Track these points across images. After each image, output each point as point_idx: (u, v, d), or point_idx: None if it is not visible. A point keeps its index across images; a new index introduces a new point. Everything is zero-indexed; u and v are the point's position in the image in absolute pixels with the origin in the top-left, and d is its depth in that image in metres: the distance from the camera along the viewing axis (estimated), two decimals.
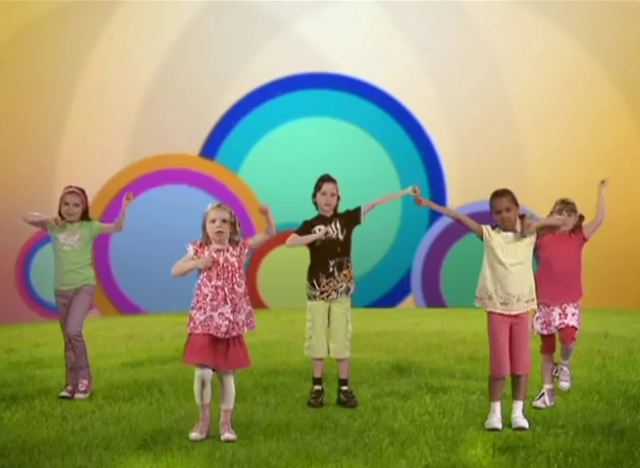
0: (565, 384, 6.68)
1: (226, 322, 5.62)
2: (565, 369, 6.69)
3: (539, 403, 6.46)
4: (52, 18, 13.59)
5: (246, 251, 5.77)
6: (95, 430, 5.82)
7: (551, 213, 6.57)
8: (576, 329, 6.62)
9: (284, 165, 13.67)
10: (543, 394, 6.52)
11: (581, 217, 6.64)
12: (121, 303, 13.82)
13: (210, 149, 14.09)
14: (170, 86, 13.93)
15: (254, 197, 13.76)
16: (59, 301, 7.15)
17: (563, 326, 6.58)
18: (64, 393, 6.95)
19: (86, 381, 6.98)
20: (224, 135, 14.09)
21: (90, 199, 7.44)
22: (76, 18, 13.64)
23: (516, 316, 5.86)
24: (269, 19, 14.02)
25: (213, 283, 5.66)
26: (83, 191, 7.27)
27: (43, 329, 11.49)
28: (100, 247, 13.19)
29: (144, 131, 13.88)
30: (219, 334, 5.62)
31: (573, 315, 6.60)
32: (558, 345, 6.74)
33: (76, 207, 7.15)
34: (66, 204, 7.15)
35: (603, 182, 6.78)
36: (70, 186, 7.25)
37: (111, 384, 7.27)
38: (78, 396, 6.91)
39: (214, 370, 5.71)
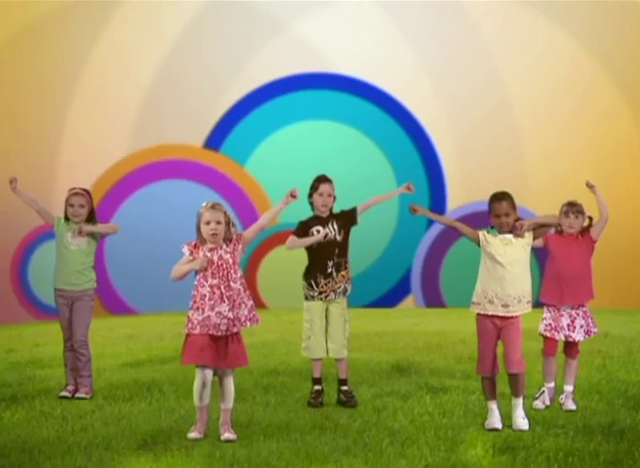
0: (571, 407, 6.37)
1: (225, 320, 5.61)
2: (570, 398, 6.43)
3: (538, 403, 6.46)
4: (52, 18, 13.59)
5: (240, 245, 5.74)
6: (95, 430, 5.82)
7: (559, 216, 6.53)
8: (579, 343, 6.60)
9: (284, 166, 13.65)
10: (543, 392, 6.52)
11: (590, 219, 6.60)
12: (115, 305, 13.78)
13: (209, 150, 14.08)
14: (170, 86, 13.92)
15: (261, 196, 13.77)
16: (59, 301, 7.13)
17: (570, 339, 6.54)
18: (64, 393, 6.95)
19: (87, 389, 6.98)
20: (224, 135, 14.08)
21: None
22: (76, 18, 13.64)
23: (507, 317, 5.87)
24: (269, 19, 14.02)
25: (209, 282, 5.64)
26: (88, 192, 7.25)
27: (43, 329, 11.49)
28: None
29: (144, 131, 13.87)
30: (218, 333, 5.61)
31: (581, 327, 6.53)
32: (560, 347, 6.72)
33: (82, 208, 7.14)
34: (72, 205, 7.14)
35: (591, 186, 6.64)
36: (74, 188, 7.23)
37: (111, 384, 7.27)
38: (80, 394, 6.92)
39: (214, 371, 5.71)
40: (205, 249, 5.68)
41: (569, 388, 6.49)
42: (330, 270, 6.73)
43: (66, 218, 7.15)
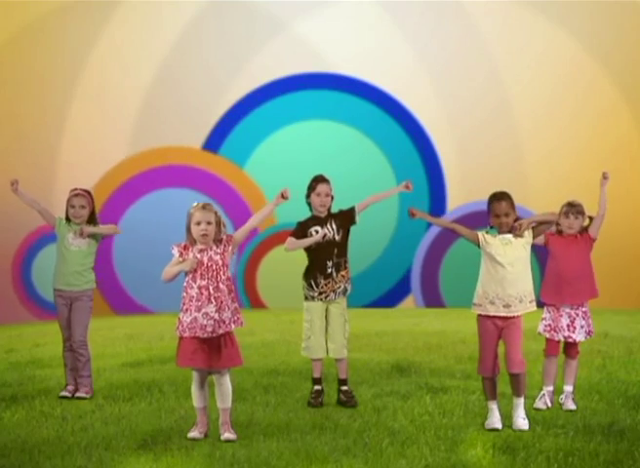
0: (571, 407, 6.39)
1: (211, 321, 5.59)
2: (570, 398, 6.45)
3: (540, 404, 6.45)
4: (52, 18, 13.59)
5: (230, 246, 5.72)
6: (95, 430, 5.82)
7: (559, 216, 6.54)
8: (579, 343, 6.60)
9: (284, 166, 13.65)
10: (544, 395, 6.51)
11: (591, 219, 6.60)
12: (123, 304, 13.78)
13: (209, 150, 14.07)
14: (170, 86, 13.92)
15: (260, 196, 13.76)
16: (58, 302, 7.14)
17: (571, 340, 6.53)
18: (64, 393, 6.95)
19: (87, 389, 6.98)
20: (224, 135, 14.08)
21: None
22: (76, 18, 13.64)
23: (509, 317, 5.86)
24: (269, 19, 14.02)
25: (197, 283, 5.63)
26: (89, 193, 7.25)
27: (43, 329, 11.49)
28: (103, 246, 13.19)
29: (144, 131, 13.87)
30: (205, 335, 5.60)
31: (582, 327, 6.53)
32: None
33: (83, 209, 7.14)
34: (73, 206, 7.14)
35: (605, 177, 6.68)
36: (76, 189, 7.23)
37: (111, 384, 7.27)
38: (80, 394, 6.92)
39: (209, 372, 5.72)
40: (195, 250, 5.68)
41: (569, 388, 6.48)
42: (329, 270, 6.73)
43: (67, 219, 7.16)
